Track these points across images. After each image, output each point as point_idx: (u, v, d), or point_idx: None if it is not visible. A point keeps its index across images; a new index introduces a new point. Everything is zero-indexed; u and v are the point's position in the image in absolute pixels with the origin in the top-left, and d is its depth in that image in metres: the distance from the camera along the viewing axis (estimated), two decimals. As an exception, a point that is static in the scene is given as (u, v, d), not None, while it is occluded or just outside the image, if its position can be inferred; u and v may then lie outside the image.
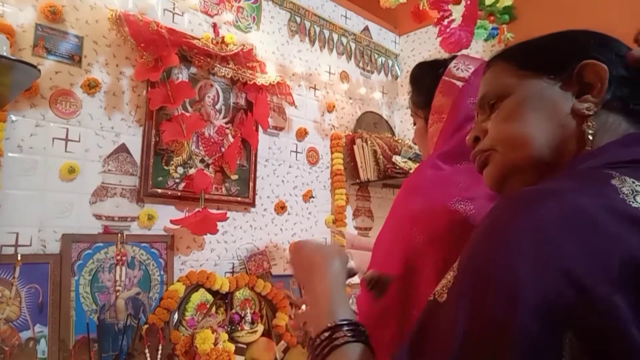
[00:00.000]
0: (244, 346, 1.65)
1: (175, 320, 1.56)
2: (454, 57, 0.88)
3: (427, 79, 0.88)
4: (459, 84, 0.82)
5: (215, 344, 1.52)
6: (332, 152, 2.21)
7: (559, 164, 0.47)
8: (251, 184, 1.85)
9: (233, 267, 1.80)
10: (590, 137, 0.46)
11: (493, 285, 0.35)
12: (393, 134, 2.47)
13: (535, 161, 0.48)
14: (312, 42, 2.19)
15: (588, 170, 0.43)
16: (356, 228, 2.29)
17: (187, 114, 1.65)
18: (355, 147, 2.18)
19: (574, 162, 0.46)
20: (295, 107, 2.04)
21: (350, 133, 2.27)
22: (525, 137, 0.49)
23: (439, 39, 1.84)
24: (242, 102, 1.85)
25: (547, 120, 0.48)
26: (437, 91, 0.84)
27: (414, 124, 0.95)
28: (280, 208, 1.97)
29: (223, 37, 1.76)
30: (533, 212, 0.37)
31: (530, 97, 0.50)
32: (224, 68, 1.75)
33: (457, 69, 0.84)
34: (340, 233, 1.71)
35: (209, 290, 1.65)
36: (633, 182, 0.38)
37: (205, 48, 1.67)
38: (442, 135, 0.83)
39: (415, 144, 1.01)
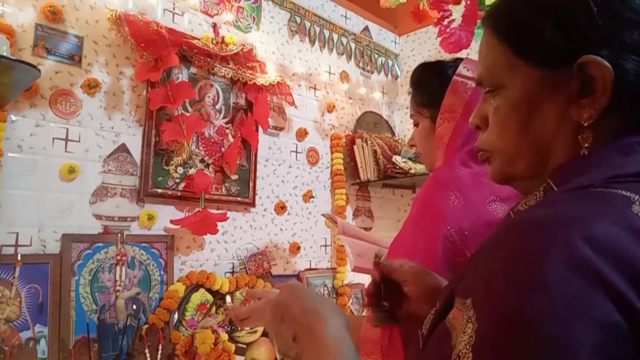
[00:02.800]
0: (244, 346, 1.65)
1: (175, 320, 1.56)
2: (457, 59, 0.89)
3: (433, 79, 0.89)
4: (472, 83, 0.83)
5: (215, 344, 1.52)
6: (332, 152, 2.21)
7: (550, 166, 0.45)
8: (251, 184, 1.85)
9: (233, 267, 1.80)
10: (586, 152, 0.42)
11: (543, 343, 0.30)
12: (393, 134, 2.47)
13: (531, 172, 0.47)
14: (312, 42, 2.18)
15: (599, 191, 0.38)
16: (356, 228, 2.29)
17: (187, 114, 1.64)
18: (355, 147, 2.18)
19: (570, 171, 0.42)
20: (295, 107, 2.04)
21: (350, 133, 2.27)
22: (517, 153, 0.47)
23: (439, 39, 1.84)
24: (242, 102, 1.85)
25: (540, 128, 0.45)
26: (448, 91, 0.85)
27: (415, 125, 0.95)
28: (280, 208, 1.97)
29: (223, 37, 1.76)
30: (564, 247, 0.32)
31: (522, 100, 0.46)
32: (224, 68, 1.75)
33: (468, 70, 0.85)
34: (331, 219, 1.70)
35: (209, 290, 1.65)
36: None
37: (205, 48, 1.67)
38: (456, 133, 0.83)
39: (412, 145, 1.00)
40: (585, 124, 0.41)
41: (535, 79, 0.44)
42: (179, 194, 1.62)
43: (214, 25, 1.78)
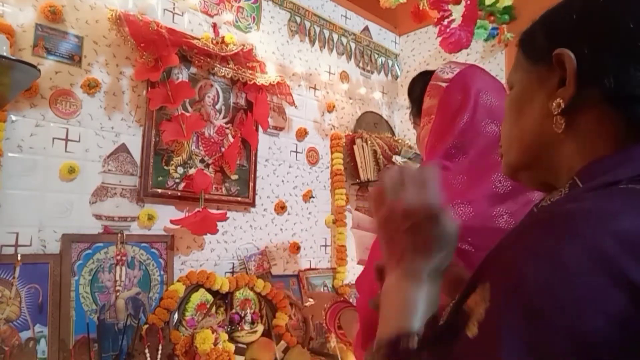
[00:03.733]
0: (244, 346, 1.65)
1: (175, 320, 1.56)
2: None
3: (417, 88, 0.91)
4: (444, 84, 0.84)
5: (215, 344, 1.52)
6: (332, 152, 2.21)
7: (560, 163, 0.45)
8: (251, 184, 1.85)
9: (233, 267, 1.80)
10: (562, 136, 0.44)
11: (557, 325, 0.31)
12: (393, 134, 2.47)
13: (522, 162, 0.49)
14: (312, 42, 2.18)
15: (626, 188, 0.38)
16: (356, 228, 2.29)
17: (187, 114, 1.64)
18: (355, 147, 2.18)
19: (596, 169, 0.42)
20: (295, 107, 2.04)
21: (350, 133, 2.27)
22: (512, 141, 0.50)
23: (439, 39, 1.84)
24: (242, 102, 1.85)
25: (527, 119, 0.47)
26: (426, 95, 0.87)
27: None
28: (280, 208, 1.97)
29: (223, 37, 1.76)
30: (590, 238, 0.32)
31: (519, 93, 0.49)
32: (224, 68, 1.75)
33: (443, 72, 0.86)
34: (350, 211, 1.71)
35: (209, 290, 1.65)
36: None
37: (205, 48, 1.67)
38: (432, 134, 0.84)
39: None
40: (555, 113, 0.44)
41: (531, 75, 0.48)
42: (179, 194, 1.62)
43: (214, 25, 1.78)
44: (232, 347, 1.57)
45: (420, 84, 0.89)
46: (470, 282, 0.45)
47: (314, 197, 2.12)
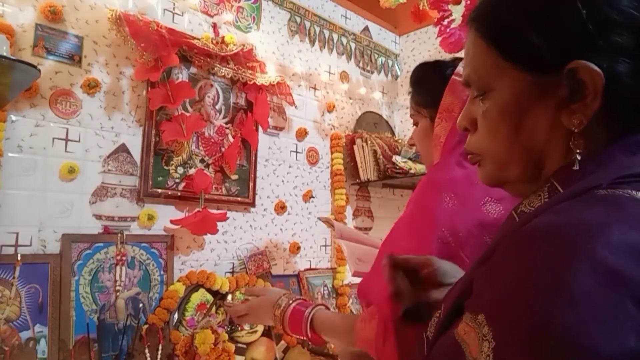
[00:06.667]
0: (244, 346, 1.65)
1: (175, 320, 1.56)
2: (456, 59, 0.89)
3: (433, 78, 0.89)
4: None
5: (215, 344, 1.52)
6: (332, 152, 2.21)
7: (547, 170, 0.44)
8: (251, 184, 1.85)
9: (233, 267, 1.80)
10: (579, 157, 0.41)
11: (576, 349, 0.29)
12: (393, 134, 2.47)
13: (524, 177, 0.46)
14: (312, 42, 2.18)
15: (610, 194, 0.37)
16: (356, 228, 2.29)
17: (187, 114, 1.64)
18: (355, 147, 2.18)
19: (576, 172, 0.41)
20: (295, 107, 2.04)
21: (350, 133, 2.27)
22: (509, 158, 0.46)
23: (439, 39, 1.84)
24: (242, 102, 1.85)
25: (531, 134, 0.44)
26: (447, 90, 0.85)
27: (415, 124, 0.96)
28: (280, 208, 1.97)
29: (223, 37, 1.76)
30: (587, 258, 0.31)
31: (512, 104, 0.44)
32: (224, 68, 1.75)
33: None
34: (328, 222, 1.72)
35: (209, 290, 1.65)
36: None
37: (205, 48, 1.67)
38: (452, 133, 0.83)
39: (412, 145, 1.00)
40: (576, 130, 0.41)
41: (525, 84, 0.43)
42: (179, 194, 1.62)
43: (214, 25, 1.78)
44: (232, 347, 1.57)
45: (436, 76, 0.87)
46: (452, 299, 0.44)
47: (314, 197, 2.12)
